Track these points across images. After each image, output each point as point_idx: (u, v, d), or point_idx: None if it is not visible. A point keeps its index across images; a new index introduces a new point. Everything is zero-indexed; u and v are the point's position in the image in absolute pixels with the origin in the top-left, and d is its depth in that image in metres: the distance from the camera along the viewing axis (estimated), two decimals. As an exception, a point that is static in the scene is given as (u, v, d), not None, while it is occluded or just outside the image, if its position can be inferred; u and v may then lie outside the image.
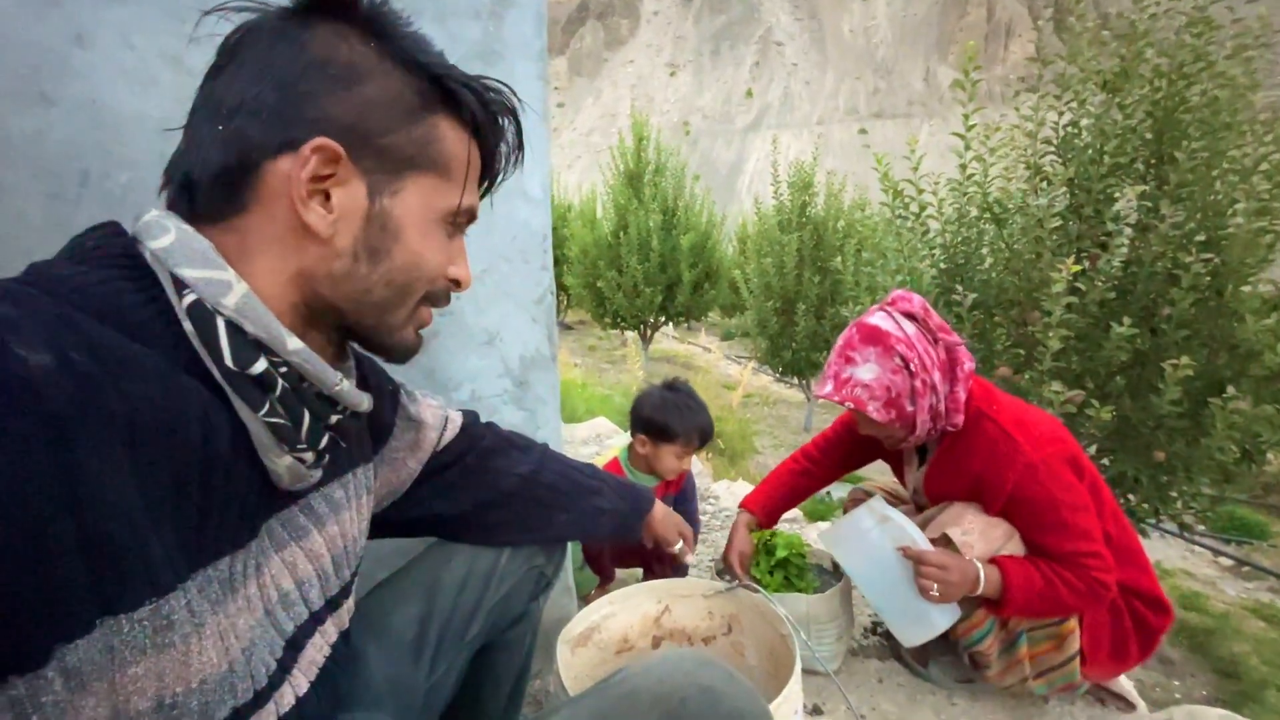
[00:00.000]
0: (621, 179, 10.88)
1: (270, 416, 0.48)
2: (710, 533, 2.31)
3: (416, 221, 0.54)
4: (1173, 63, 2.72)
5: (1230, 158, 2.65)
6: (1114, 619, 1.26)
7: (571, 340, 14.98)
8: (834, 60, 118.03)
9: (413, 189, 0.53)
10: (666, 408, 1.47)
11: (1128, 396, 2.81)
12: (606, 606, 1.00)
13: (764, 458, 7.50)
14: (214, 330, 0.46)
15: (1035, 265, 2.87)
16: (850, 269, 5.60)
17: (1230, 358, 2.68)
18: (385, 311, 0.55)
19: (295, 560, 0.56)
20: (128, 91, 0.74)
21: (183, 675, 0.42)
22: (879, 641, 1.61)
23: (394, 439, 0.77)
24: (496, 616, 0.87)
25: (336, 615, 0.63)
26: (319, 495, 0.60)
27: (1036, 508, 1.19)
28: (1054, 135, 3.02)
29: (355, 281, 0.52)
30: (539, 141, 1.08)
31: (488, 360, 1.09)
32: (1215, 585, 5.08)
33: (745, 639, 1.01)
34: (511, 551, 0.88)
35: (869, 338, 1.23)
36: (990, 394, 1.29)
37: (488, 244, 1.07)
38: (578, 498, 0.91)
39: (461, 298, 1.05)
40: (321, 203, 0.50)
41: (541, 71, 1.06)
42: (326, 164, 0.49)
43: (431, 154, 0.54)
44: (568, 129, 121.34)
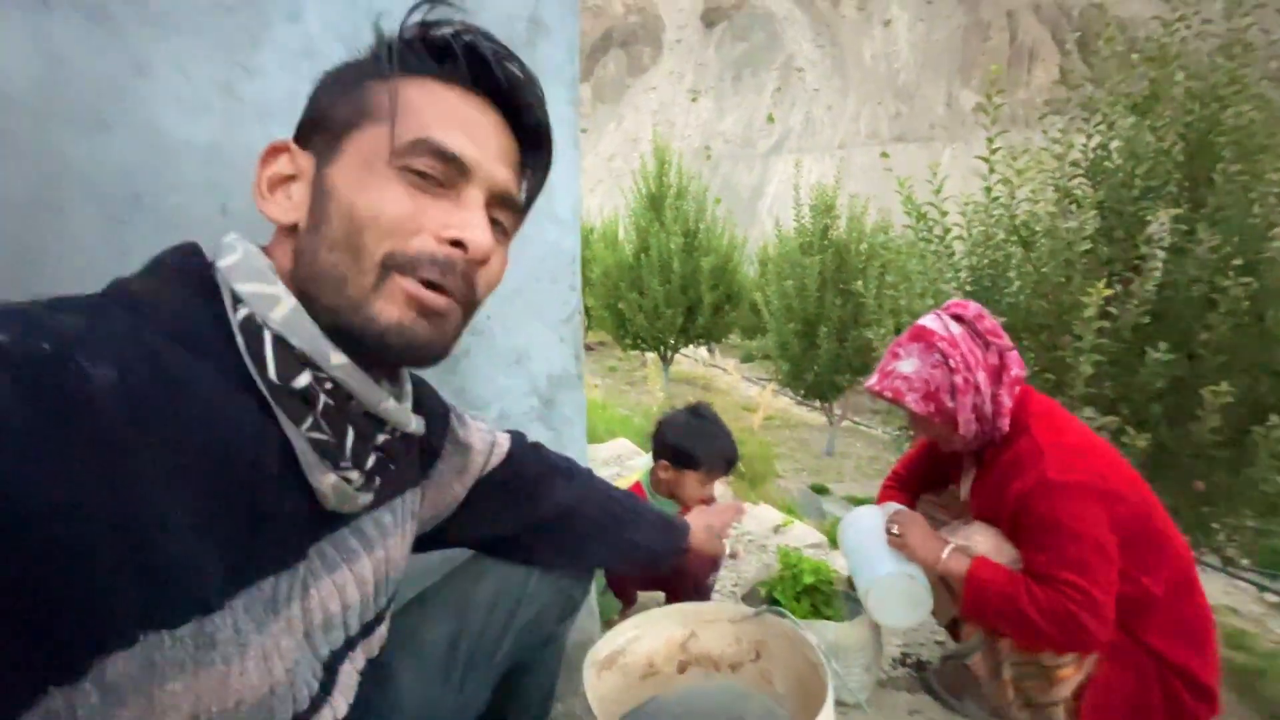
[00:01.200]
0: (643, 202, 11.01)
1: (313, 432, 0.48)
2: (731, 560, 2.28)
3: (350, 172, 0.50)
4: (1205, 85, 2.69)
5: (1269, 180, 2.60)
6: (1139, 687, 1.17)
7: (592, 361, 15.04)
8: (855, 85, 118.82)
9: (351, 147, 0.51)
10: (690, 434, 1.46)
11: (1165, 424, 2.73)
12: (632, 630, 0.98)
13: (786, 481, 7.40)
14: (261, 344, 0.47)
15: (1065, 289, 2.82)
16: (873, 292, 5.56)
17: (1273, 384, 2.59)
18: (344, 283, 0.49)
19: (345, 584, 0.56)
20: (181, 118, 0.77)
21: (220, 695, 0.41)
22: (909, 673, 1.56)
23: (442, 462, 0.76)
24: (525, 638, 0.86)
25: (367, 642, 0.62)
26: (369, 518, 0.60)
27: (1036, 523, 1.16)
28: (1083, 158, 2.99)
29: (309, 255, 0.50)
30: (569, 165, 1.09)
31: (516, 379, 1.10)
32: (1263, 623, 4.84)
33: (774, 666, 0.98)
34: (541, 574, 0.87)
35: (915, 336, 1.30)
36: (1049, 411, 1.28)
37: (518, 264, 1.08)
38: (614, 530, 0.91)
39: (493, 318, 1.06)
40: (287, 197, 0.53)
41: (573, 97, 1.08)
42: (286, 163, 0.53)
43: (369, 108, 0.51)
44: (590, 154, 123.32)
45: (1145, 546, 1.18)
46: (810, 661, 0.87)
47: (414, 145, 0.50)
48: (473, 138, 0.53)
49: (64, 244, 0.72)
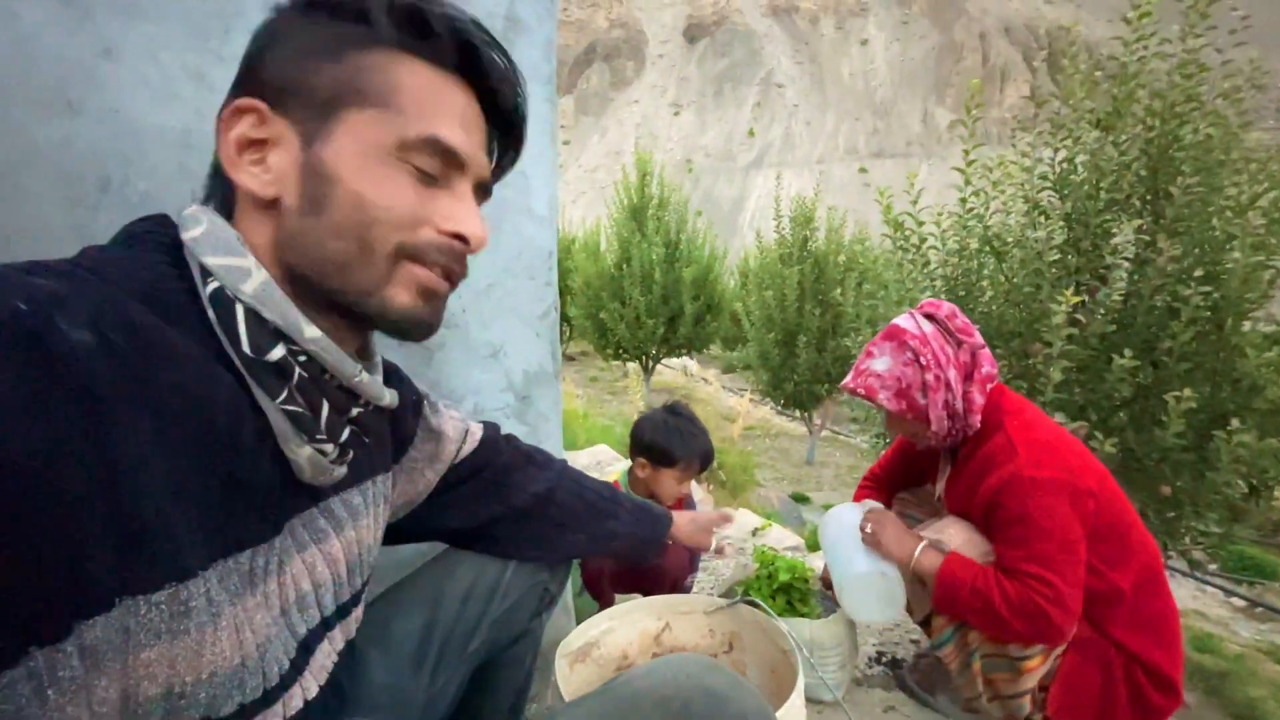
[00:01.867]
0: (625, 213, 11.06)
1: (288, 404, 0.49)
2: (711, 560, 2.28)
3: (352, 160, 0.49)
4: (1164, 103, 2.79)
5: (1226, 194, 2.70)
6: (1105, 680, 1.19)
7: (574, 371, 14.99)
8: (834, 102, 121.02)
9: (345, 128, 0.49)
10: (667, 432, 1.47)
11: (1131, 429, 2.80)
12: (606, 622, 0.98)
13: (766, 490, 7.42)
14: (233, 317, 0.46)
15: (1035, 297, 2.89)
16: (851, 301, 5.64)
17: (1233, 391, 2.67)
18: (347, 271, 0.50)
19: (314, 562, 0.56)
20: (151, 104, 0.77)
21: (194, 665, 0.42)
22: (884, 671, 1.58)
23: (414, 449, 0.76)
24: (499, 631, 0.86)
25: (345, 623, 0.62)
26: (339, 499, 0.60)
27: (1006, 517, 1.18)
28: (1050, 171, 3.08)
29: (309, 239, 0.49)
30: (546, 162, 1.10)
31: (491, 374, 1.10)
32: (1228, 626, 4.96)
33: (747, 657, 0.99)
34: (516, 567, 0.87)
35: (888, 335, 1.31)
36: (1022, 409, 1.30)
37: (493, 259, 1.08)
38: (591, 520, 0.91)
39: (468, 311, 1.06)
40: (258, 165, 0.49)
41: (550, 95, 1.10)
42: (258, 125, 0.49)
43: (361, 86, 0.49)
44: (573, 165, 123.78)
45: (1113, 542, 1.20)
46: (782, 649, 0.88)
47: (423, 143, 0.50)
48: (467, 132, 0.54)
49: (30, 229, 0.71)
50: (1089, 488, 1.20)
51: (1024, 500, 1.16)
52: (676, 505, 1.62)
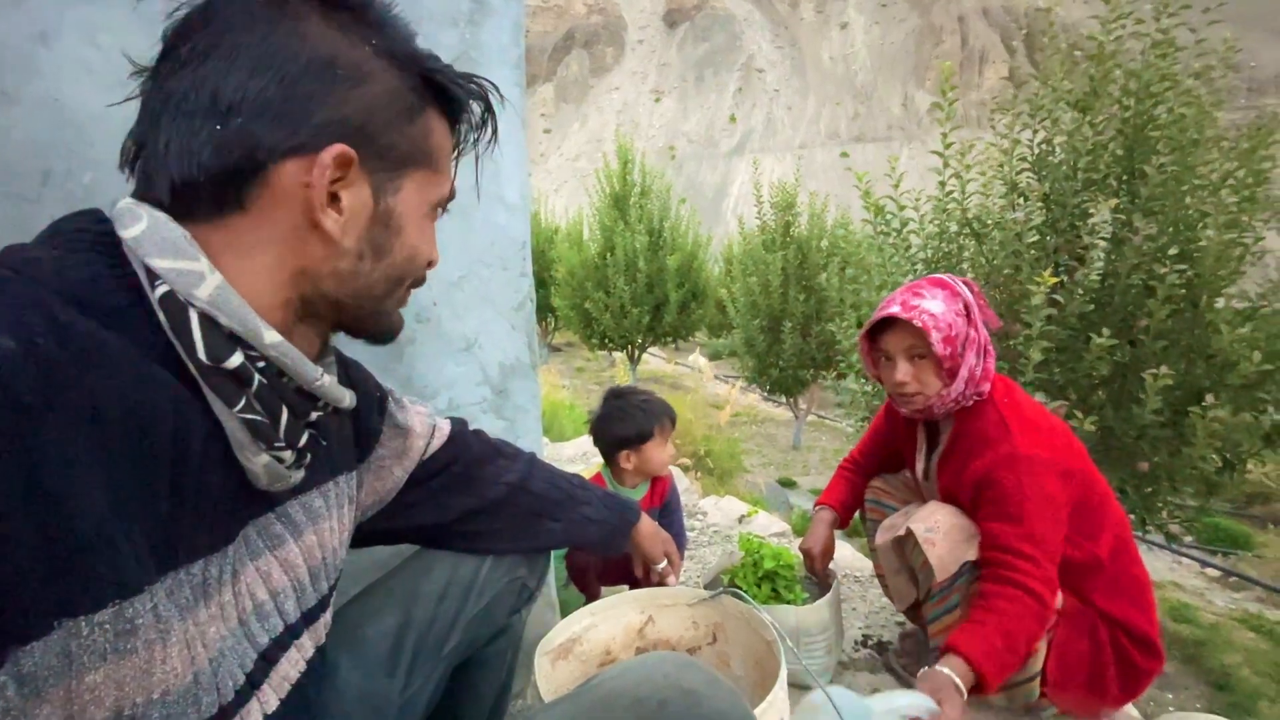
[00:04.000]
0: (607, 201, 10.98)
1: (246, 413, 0.47)
2: (698, 548, 2.28)
3: (414, 216, 0.55)
4: (1140, 82, 2.80)
5: (1199, 173, 2.72)
6: (1093, 649, 1.22)
7: (559, 362, 14.94)
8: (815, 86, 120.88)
9: (410, 185, 0.54)
10: (631, 414, 1.49)
11: (1110, 407, 2.84)
12: (588, 618, 0.97)
13: (753, 476, 7.46)
14: (187, 322, 0.44)
15: (1015, 279, 2.91)
16: (835, 286, 5.65)
17: (1208, 367, 2.71)
18: (381, 301, 0.57)
19: (270, 570, 0.54)
20: (92, 91, 0.73)
21: (144, 685, 0.40)
22: (870, 654, 1.59)
23: (380, 446, 0.75)
24: (476, 629, 0.84)
25: (313, 630, 0.61)
26: (297, 503, 0.58)
27: (999, 494, 1.18)
28: (1029, 153, 3.09)
29: (360, 279, 0.53)
30: (516, 149, 1.08)
31: (466, 368, 1.08)
32: (1204, 596, 5.09)
33: (731, 648, 0.98)
34: (493, 562, 0.85)
35: (936, 283, 1.30)
36: (1010, 390, 1.31)
37: (466, 250, 1.06)
38: (565, 507, 0.90)
39: (439, 304, 1.03)
40: (332, 205, 0.49)
41: (519, 79, 1.06)
42: (339, 168, 0.49)
43: (426, 149, 0.55)
44: (554, 154, 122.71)
45: (1091, 514, 1.23)
46: (765, 640, 0.87)
47: (447, 199, 0.60)
48: None
49: (-36, 225, 0.67)
50: (1072, 466, 1.23)
51: (1019, 478, 1.17)
52: (660, 492, 1.61)
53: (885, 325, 1.30)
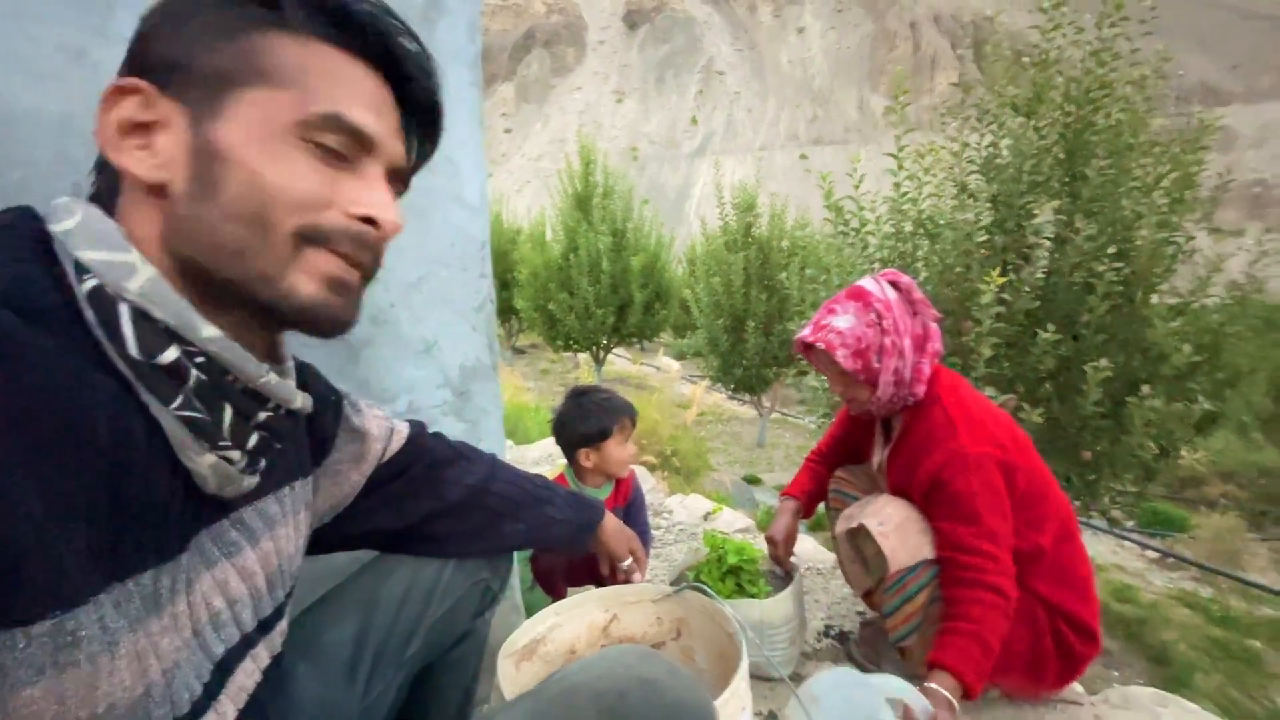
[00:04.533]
0: (570, 202, 10.95)
1: (185, 410, 0.45)
2: (664, 547, 2.29)
3: (248, 140, 0.46)
4: (1080, 89, 2.94)
5: (1134, 175, 2.87)
6: (1033, 636, 1.26)
7: (524, 364, 14.81)
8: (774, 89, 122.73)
9: (236, 107, 0.46)
10: (590, 412, 1.50)
11: (1056, 400, 2.96)
12: (552, 618, 0.97)
13: (719, 474, 7.53)
14: (116, 317, 0.42)
15: (966, 277, 3.01)
16: (795, 285, 5.75)
17: (1143, 360, 2.86)
18: (244, 257, 0.47)
19: (227, 578, 0.52)
20: (24, 85, 0.69)
21: (88, 699, 0.38)
22: (832, 644, 1.62)
23: (336, 451, 0.73)
24: (440, 633, 0.83)
25: (269, 638, 0.59)
26: (252, 510, 0.56)
27: (952, 495, 1.22)
28: (977, 156, 3.21)
29: (200, 224, 0.46)
30: (474, 149, 1.07)
31: (426, 370, 1.06)
32: (1144, 577, 5.36)
33: (694, 642, 0.99)
34: (456, 565, 0.84)
35: (852, 295, 1.33)
36: (956, 385, 1.34)
37: (424, 251, 1.04)
38: (529, 507, 0.89)
39: (397, 305, 1.02)
40: (144, 149, 0.46)
41: (475, 79, 1.06)
42: (141, 107, 0.46)
43: (257, 66, 0.47)
44: (517, 154, 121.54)
45: (1035, 505, 1.27)
46: (728, 633, 0.89)
47: (325, 119, 0.48)
48: (377, 114, 0.52)
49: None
50: (1018, 460, 1.27)
51: (969, 477, 1.21)
52: (624, 491, 1.61)
53: (806, 348, 1.35)
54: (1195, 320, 2.91)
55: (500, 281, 14.30)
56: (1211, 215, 3.11)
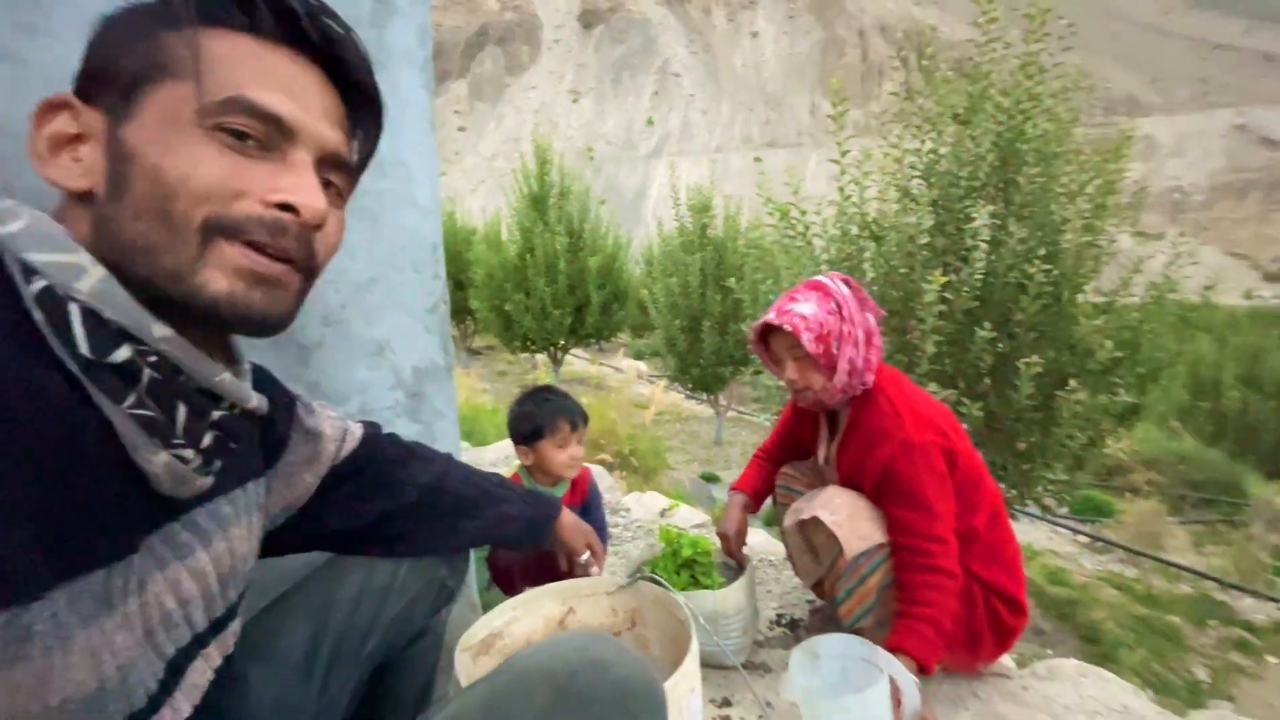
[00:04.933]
0: (526, 202, 10.85)
1: (137, 409, 0.45)
2: (622, 544, 2.32)
3: (150, 136, 0.46)
4: (1011, 100, 3.11)
5: (1061, 182, 3.05)
6: (968, 611, 1.35)
7: (480, 366, 14.60)
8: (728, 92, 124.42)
9: (147, 104, 0.46)
10: (529, 412, 1.53)
11: (993, 394, 3.13)
12: (509, 612, 0.98)
13: (677, 473, 7.61)
14: (66, 317, 0.43)
15: (910, 278, 3.14)
16: (748, 287, 5.87)
17: (1071, 355, 3.05)
18: (154, 253, 0.45)
19: (179, 579, 0.53)
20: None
21: (40, 693, 0.39)
22: (784, 632, 1.68)
23: (289, 452, 0.73)
24: (396, 631, 0.84)
25: (220, 639, 0.59)
26: (204, 511, 0.56)
27: (903, 483, 1.30)
28: (918, 161, 3.35)
29: (114, 225, 0.46)
30: (425, 150, 1.07)
31: (378, 372, 1.06)
32: (1076, 560, 5.68)
33: (649, 632, 1.02)
34: (411, 564, 0.85)
35: (812, 286, 1.40)
36: (897, 379, 1.43)
37: (375, 253, 1.04)
38: (484, 505, 0.90)
39: (348, 307, 1.01)
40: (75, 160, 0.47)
41: (427, 81, 1.06)
42: (69, 121, 0.47)
43: (165, 60, 0.46)
44: (471, 153, 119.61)
45: (971, 490, 1.37)
46: (680, 621, 0.92)
47: (226, 104, 0.47)
48: (292, 95, 0.50)
49: None
50: (957, 447, 1.36)
51: (916, 464, 1.29)
52: (581, 488, 1.64)
53: (769, 331, 1.40)
54: (1118, 318, 3.12)
55: (455, 282, 14.06)
56: (1134, 219, 3.34)
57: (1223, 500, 7.30)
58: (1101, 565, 5.62)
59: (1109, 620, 4.28)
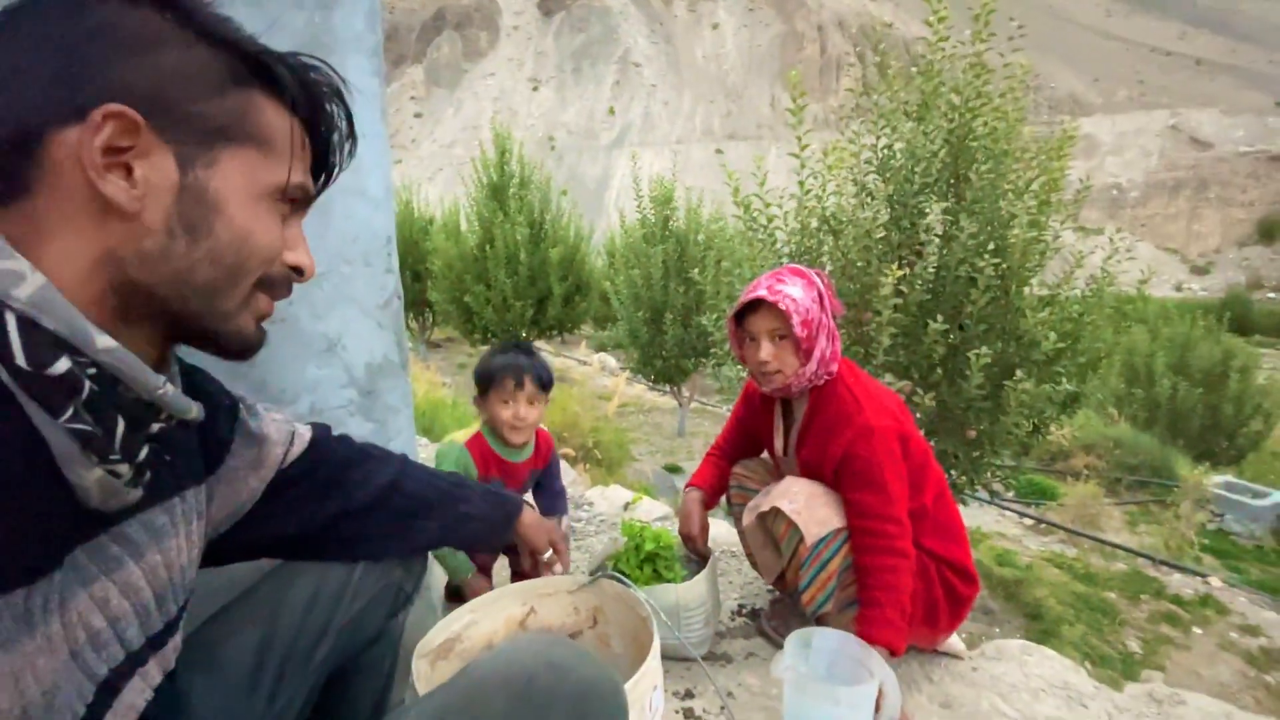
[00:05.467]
0: (485, 191, 10.66)
1: (74, 423, 0.43)
2: (585, 538, 2.32)
3: (240, 195, 0.51)
4: (962, 98, 3.19)
5: (1009, 179, 3.16)
6: (925, 587, 1.40)
7: (440, 359, 14.33)
8: (690, 83, 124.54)
9: (230, 162, 0.51)
10: (483, 360, 1.54)
11: (945, 384, 3.23)
12: (468, 615, 0.97)
13: (641, 464, 7.64)
14: (2, 325, 0.40)
15: (866, 271, 3.21)
16: (710, 279, 5.91)
17: (1017, 346, 3.17)
18: (214, 296, 0.52)
19: (107, 595, 0.50)
20: None
21: None
22: (746, 622, 1.71)
23: (232, 457, 0.70)
24: (349, 637, 0.81)
25: (160, 655, 0.57)
26: (136, 522, 0.54)
27: (861, 467, 1.33)
28: (874, 157, 3.42)
29: (174, 261, 0.49)
30: (377, 140, 1.03)
31: (329, 370, 1.02)
32: (1021, 542, 5.94)
33: (611, 629, 1.02)
34: (366, 568, 0.83)
35: (795, 272, 1.40)
36: (853, 369, 1.47)
37: (325, 246, 1.00)
38: (441, 506, 0.88)
39: (296, 303, 0.97)
40: (123, 176, 0.46)
41: (376, 68, 1.02)
42: (124, 134, 0.45)
43: (248, 126, 0.52)
44: (428, 140, 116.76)
45: (919, 470, 1.42)
46: (642, 618, 0.92)
47: (299, 190, 0.57)
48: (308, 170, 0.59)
49: None
50: (908, 431, 1.41)
51: (874, 449, 1.33)
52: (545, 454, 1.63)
53: (752, 308, 1.40)
54: (1060, 310, 3.25)
55: (413, 273, 13.73)
56: (1075, 215, 3.48)
57: (1154, 482, 7.74)
58: (1045, 546, 5.89)
59: (1051, 598, 4.50)
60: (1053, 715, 1.37)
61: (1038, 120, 3.75)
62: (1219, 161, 69.69)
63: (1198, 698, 1.47)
